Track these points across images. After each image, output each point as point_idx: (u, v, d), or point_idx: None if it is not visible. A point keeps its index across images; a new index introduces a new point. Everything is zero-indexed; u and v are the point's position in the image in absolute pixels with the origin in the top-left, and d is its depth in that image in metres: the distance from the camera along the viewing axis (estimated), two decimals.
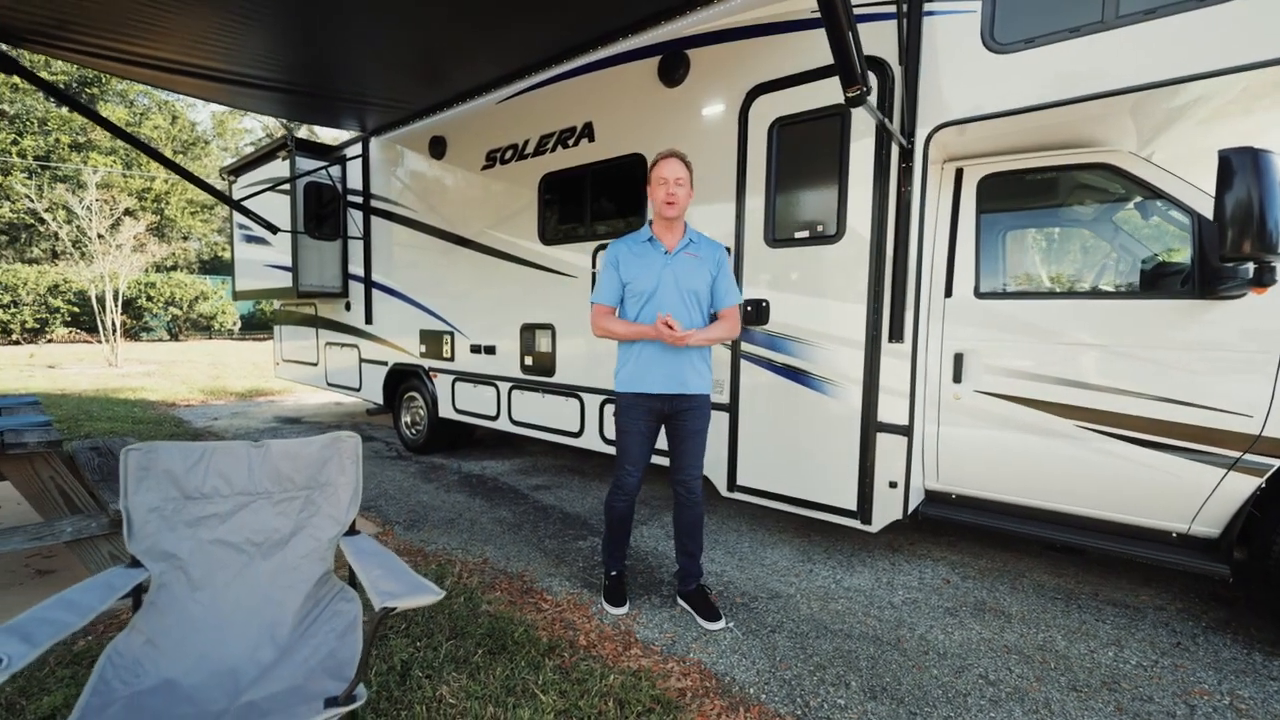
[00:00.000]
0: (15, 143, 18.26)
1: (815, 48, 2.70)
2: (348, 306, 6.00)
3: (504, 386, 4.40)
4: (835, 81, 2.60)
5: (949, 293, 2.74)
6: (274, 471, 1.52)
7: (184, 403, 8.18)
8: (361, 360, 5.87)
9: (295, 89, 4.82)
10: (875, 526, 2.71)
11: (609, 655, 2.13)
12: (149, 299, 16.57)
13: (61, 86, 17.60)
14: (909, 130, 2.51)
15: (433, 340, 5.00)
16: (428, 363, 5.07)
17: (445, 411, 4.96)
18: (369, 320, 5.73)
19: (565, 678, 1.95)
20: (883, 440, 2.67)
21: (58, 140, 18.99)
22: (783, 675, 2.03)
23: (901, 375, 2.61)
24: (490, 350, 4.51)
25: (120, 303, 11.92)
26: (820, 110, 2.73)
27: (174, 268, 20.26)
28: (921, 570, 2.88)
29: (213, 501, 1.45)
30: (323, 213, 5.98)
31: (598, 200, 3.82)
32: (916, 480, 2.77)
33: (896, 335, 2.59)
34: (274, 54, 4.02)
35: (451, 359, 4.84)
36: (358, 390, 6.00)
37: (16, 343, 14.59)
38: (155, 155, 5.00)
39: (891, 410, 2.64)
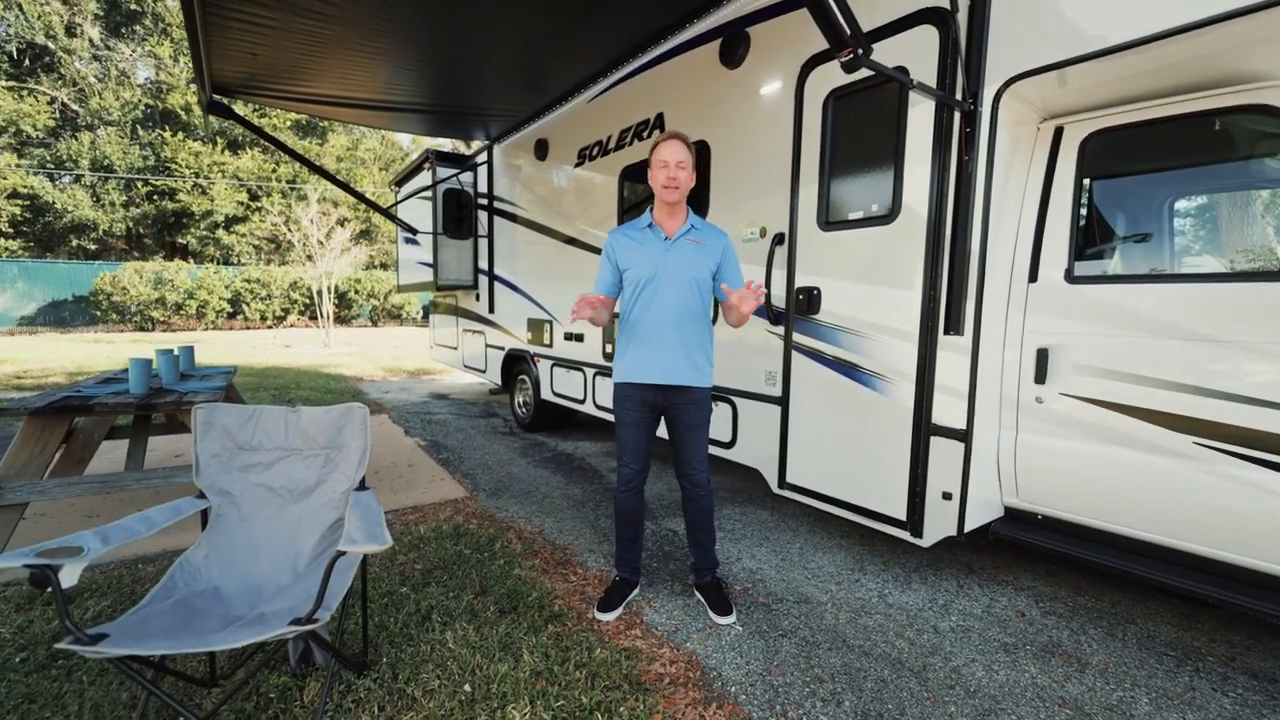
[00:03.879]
0: (274, 170, 23.30)
1: (870, 8, 2.44)
2: (477, 298, 6.75)
3: (589, 372, 4.65)
4: (890, 44, 2.38)
5: (1033, 277, 2.32)
6: (303, 433, 1.87)
7: (368, 378, 9.85)
8: (486, 345, 6.58)
9: (432, 109, 5.54)
10: (926, 541, 2.42)
11: (609, 632, 2.22)
12: (356, 292, 20.22)
13: (265, 126, 21.75)
14: (972, 89, 2.17)
15: (536, 328, 5.44)
16: (532, 348, 5.53)
17: (545, 394, 5.38)
18: (491, 310, 6.40)
19: (556, 644, 2.08)
20: (937, 445, 2.36)
21: (300, 167, 23.81)
22: (773, 680, 1.95)
23: (959, 372, 2.28)
24: (579, 338, 4.79)
25: (335, 295, 14.68)
26: (875, 76, 2.46)
27: (384, 266, 24.25)
28: (994, 597, 2.50)
29: (258, 453, 1.83)
30: (460, 215, 6.78)
31: None
32: (986, 494, 2.41)
33: (954, 327, 2.26)
34: (406, 80, 4.66)
35: (550, 345, 5.23)
36: (484, 372, 6.74)
37: (270, 327, 18.82)
38: (318, 170, 6.08)
39: (947, 412, 2.33)
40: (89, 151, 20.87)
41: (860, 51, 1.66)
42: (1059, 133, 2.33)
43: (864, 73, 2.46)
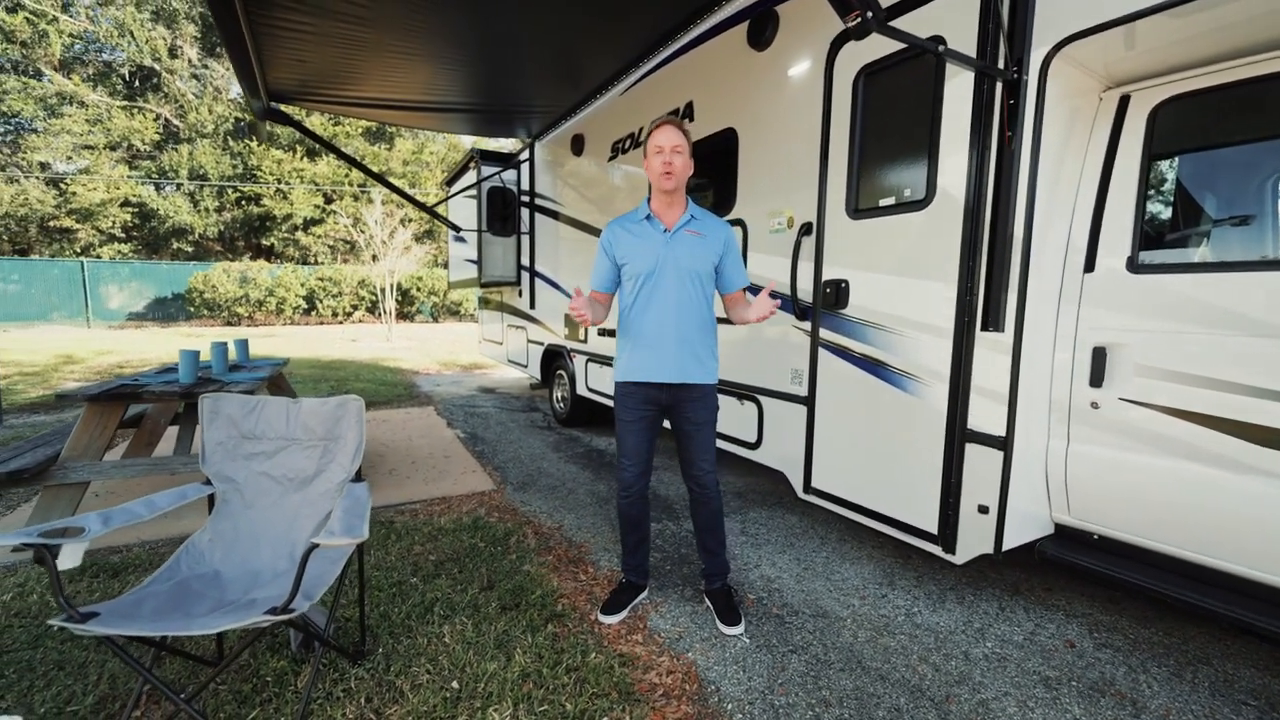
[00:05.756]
0: (346, 175, 24.68)
1: None
2: (520, 294, 6.85)
3: None
4: (921, 14, 2.19)
5: (1090, 267, 2.05)
6: (303, 424, 1.90)
7: (424, 371, 10.22)
8: (528, 341, 6.66)
9: (475, 108, 5.65)
10: (960, 558, 2.20)
11: (610, 635, 2.15)
12: (418, 289, 21.13)
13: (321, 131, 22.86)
14: (1016, 55, 1.93)
15: (572, 323, 5.43)
16: (569, 344, 5.54)
17: (581, 389, 5.38)
18: (532, 306, 6.46)
19: (552, 645, 2.03)
20: (972, 453, 2.14)
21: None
22: (775, 700, 1.82)
23: (998, 373, 2.06)
24: (613, 334, 4.74)
25: (398, 293, 15.37)
26: (908, 50, 2.25)
27: (445, 265, 25.19)
28: (1039, 623, 2.25)
29: (261, 442, 1.89)
30: (505, 213, 6.89)
31: (695, 178, 3.72)
32: (1031, 508, 2.17)
33: (993, 322, 2.04)
34: (447, 81, 4.76)
35: (585, 340, 5.21)
36: (525, 367, 6.82)
37: (340, 322, 20.00)
38: (362, 168, 6.31)
39: (984, 416, 2.10)
40: (187, 162, 22.84)
41: (869, 14, 1.50)
42: (1124, 102, 2.05)
43: (894, 46, 2.29)
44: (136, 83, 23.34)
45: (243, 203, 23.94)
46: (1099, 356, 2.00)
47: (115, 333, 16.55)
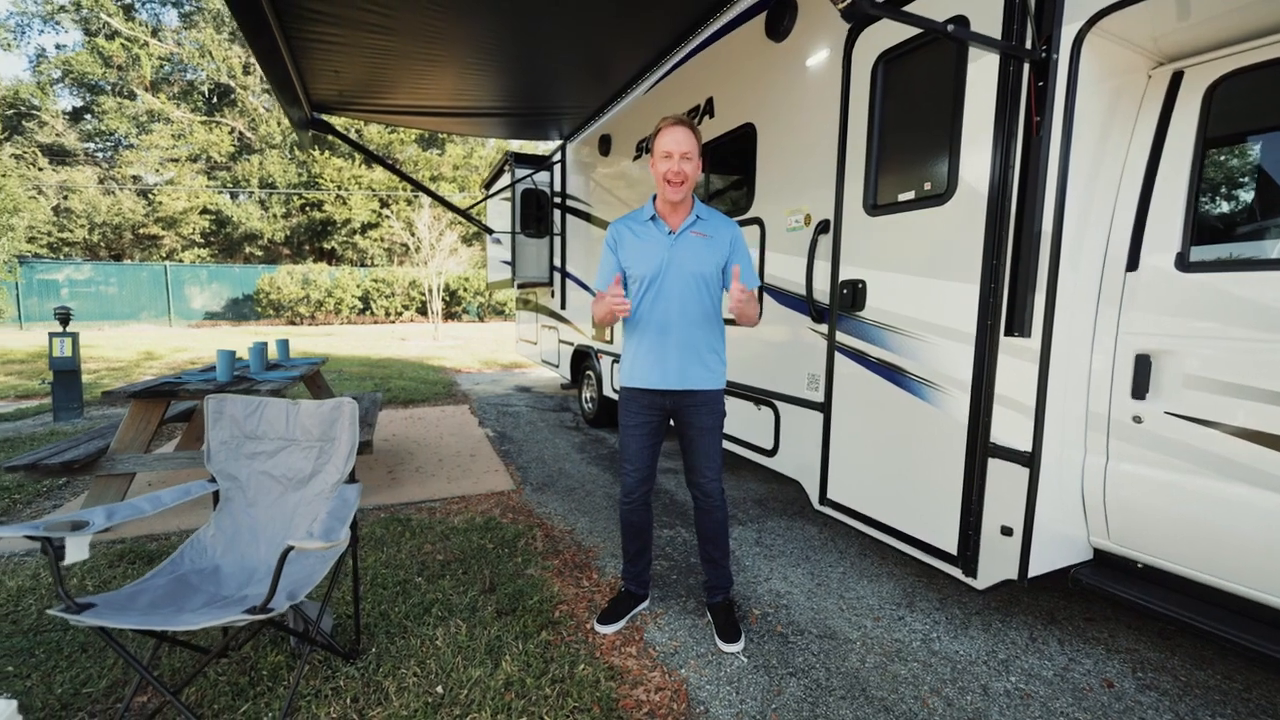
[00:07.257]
0: (399, 180, 25.70)
1: None
2: (552, 294, 6.91)
3: None
4: None
5: (1133, 265, 1.84)
6: (302, 425, 1.95)
7: (465, 369, 10.48)
8: (559, 341, 6.71)
9: (507, 111, 5.73)
10: (981, 582, 2.03)
11: (603, 646, 2.10)
12: (464, 290, 21.77)
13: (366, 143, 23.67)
14: (1045, 32, 1.75)
15: (598, 323, 5.41)
16: (595, 344, 5.53)
17: (607, 390, 5.36)
18: (563, 306, 6.50)
19: (542, 654, 2.00)
20: (995, 469, 1.97)
21: (422, 176, 26.06)
22: None
23: (1025, 381, 1.88)
24: None
25: (445, 293, 15.86)
26: (927, 33, 2.09)
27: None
28: (1074, 657, 2.05)
29: (263, 442, 1.94)
30: (539, 214, 6.96)
31: (716, 176, 3.63)
32: (1065, 531, 1.97)
33: (1018, 326, 1.86)
34: (476, 85, 4.84)
35: (611, 341, 5.19)
36: (557, 367, 6.88)
37: (391, 321, 20.86)
38: (397, 172, 6.49)
39: (1008, 429, 1.92)
40: (258, 171, 24.38)
41: None
42: (1177, 79, 1.83)
43: (912, 30, 2.13)
44: (214, 99, 25.10)
45: (306, 209, 25.33)
46: (1142, 365, 1.80)
47: (193, 331, 17.85)
